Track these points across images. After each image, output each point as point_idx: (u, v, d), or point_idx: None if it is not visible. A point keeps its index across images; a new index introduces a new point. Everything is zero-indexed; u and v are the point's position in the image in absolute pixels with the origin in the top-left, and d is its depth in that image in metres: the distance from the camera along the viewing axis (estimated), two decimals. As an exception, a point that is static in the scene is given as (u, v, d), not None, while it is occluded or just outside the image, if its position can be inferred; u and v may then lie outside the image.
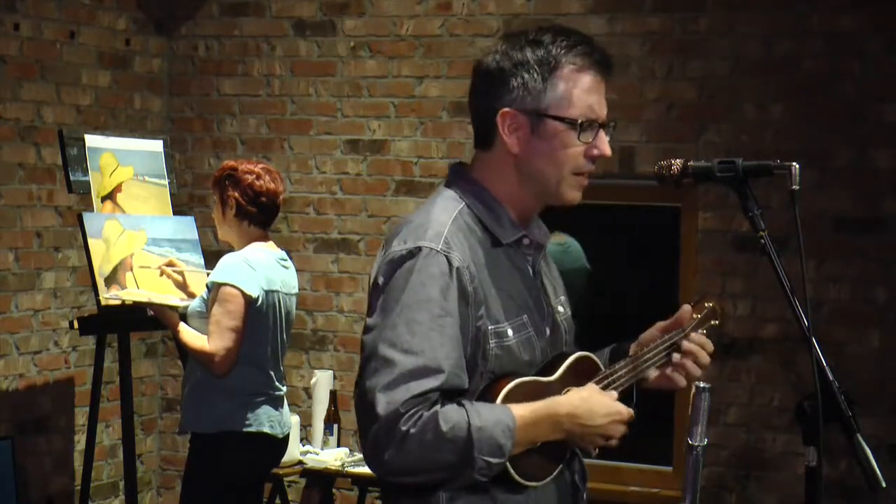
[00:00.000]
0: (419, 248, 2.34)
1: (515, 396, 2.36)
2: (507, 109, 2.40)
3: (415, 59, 6.02)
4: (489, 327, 2.37)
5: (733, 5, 5.53)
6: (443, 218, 2.40)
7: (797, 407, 2.36)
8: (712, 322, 2.69)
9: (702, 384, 2.38)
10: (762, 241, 2.40)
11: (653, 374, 2.60)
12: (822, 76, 5.40)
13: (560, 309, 2.59)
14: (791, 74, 5.44)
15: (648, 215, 5.85)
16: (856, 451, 2.33)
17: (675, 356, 2.58)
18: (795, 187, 2.34)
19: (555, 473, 2.44)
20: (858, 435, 2.33)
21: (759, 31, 5.49)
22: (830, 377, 2.33)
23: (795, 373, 5.37)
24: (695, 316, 2.64)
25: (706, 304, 2.69)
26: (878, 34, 5.34)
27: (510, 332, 2.40)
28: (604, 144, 2.44)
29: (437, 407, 2.27)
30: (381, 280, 2.36)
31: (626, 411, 2.41)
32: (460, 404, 2.30)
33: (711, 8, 5.57)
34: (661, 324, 2.62)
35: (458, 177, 2.51)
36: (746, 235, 5.36)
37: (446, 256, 2.33)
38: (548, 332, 2.50)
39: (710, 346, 2.61)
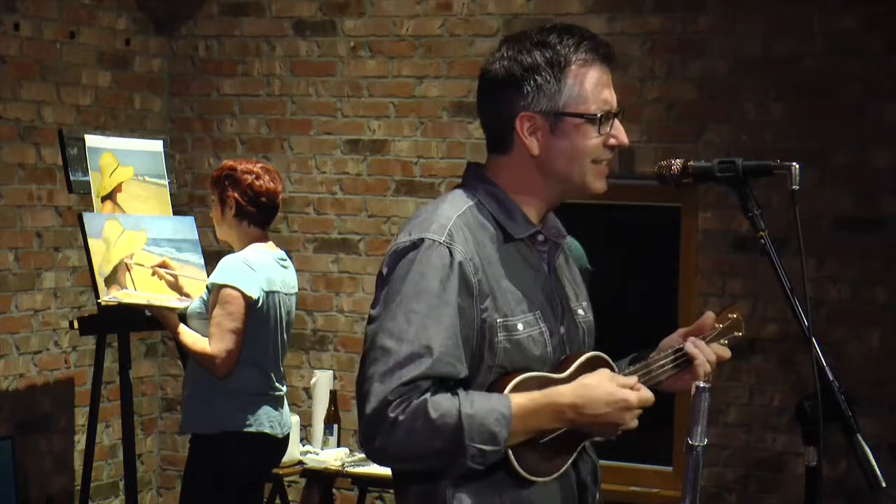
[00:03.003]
0: (422, 240, 2.36)
1: (523, 390, 2.35)
2: (525, 113, 2.42)
3: (415, 59, 6.02)
4: (497, 320, 2.37)
5: (733, 5, 5.53)
6: (449, 212, 2.42)
7: (797, 407, 2.36)
8: (736, 333, 2.68)
9: (702, 384, 2.38)
10: (762, 241, 2.39)
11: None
12: (822, 76, 5.40)
13: (580, 311, 2.58)
14: (791, 74, 5.44)
15: (648, 215, 5.85)
16: (856, 451, 2.32)
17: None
18: (795, 187, 2.34)
19: (563, 469, 2.42)
20: (858, 435, 2.33)
21: (759, 31, 5.49)
22: (830, 377, 2.33)
23: (795, 373, 5.37)
24: (717, 325, 2.62)
25: (730, 315, 2.67)
26: (878, 34, 5.34)
27: (520, 326, 2.39)
28: (621, 134, 2.47)
29: (428, 395, 2.27)
30: (385, 271, 2.39)
31: (632, 397, 2.35)
32: (454, 393, 2.30)
33: (711, 8, 5.57)
34: (682, 329, 2.61)
35: (473, 177, 2.52)
36: (746, 235, 5.36)
37: (448, 248, 2.35)
38: (562, 330, 2.49)
39: (724, 355, 2.60)
